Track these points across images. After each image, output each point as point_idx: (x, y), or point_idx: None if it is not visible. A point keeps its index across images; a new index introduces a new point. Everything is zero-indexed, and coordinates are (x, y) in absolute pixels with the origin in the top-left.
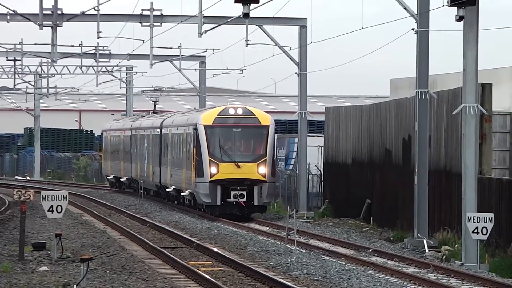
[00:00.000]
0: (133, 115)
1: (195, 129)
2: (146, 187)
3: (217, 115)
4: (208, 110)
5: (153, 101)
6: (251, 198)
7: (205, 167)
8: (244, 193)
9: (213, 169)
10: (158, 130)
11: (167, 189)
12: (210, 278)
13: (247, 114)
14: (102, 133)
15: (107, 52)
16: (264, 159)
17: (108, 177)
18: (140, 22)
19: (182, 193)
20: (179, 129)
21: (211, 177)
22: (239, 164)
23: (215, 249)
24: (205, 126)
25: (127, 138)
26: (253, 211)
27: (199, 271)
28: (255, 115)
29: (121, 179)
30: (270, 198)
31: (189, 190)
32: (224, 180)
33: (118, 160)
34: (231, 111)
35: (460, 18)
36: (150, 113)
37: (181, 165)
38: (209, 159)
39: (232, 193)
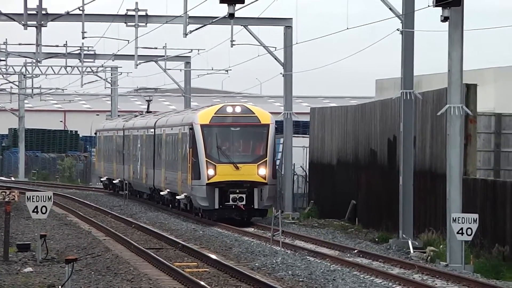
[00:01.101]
0: (118, 115)
1: (191, 128)
2: (139, 190)
3: (214, 113)
4: (205, 109)
5: (146, 101)
6: (251, 202)
7: (202, 169)
8: (244, 196)
9: (211, 171)
10: (152, 130)
11: (161, 193)
12: (195, 279)
13: (246, 113)
14: (95, 133)
15: (92, 52)
16: (265, 160)
17: (101, 179)
18: (125, 22)
19: (177, 197)
20: (174, 129)
21: (208, 180)
22: (238, 165)
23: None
24: (202, 126)
25: (120, 138)
26: (253, 215)
27: (184, 272)
28: (254, 114)
29: (113, 181)
30: (271, 202)
31: (185, 194)
32: (222, 183)
33: (111, 161)
34: (229, 109)
35: (445, 19)
36: (143, 113)
37: (176, 167)
38: (206, 160)
39: (231, 196)
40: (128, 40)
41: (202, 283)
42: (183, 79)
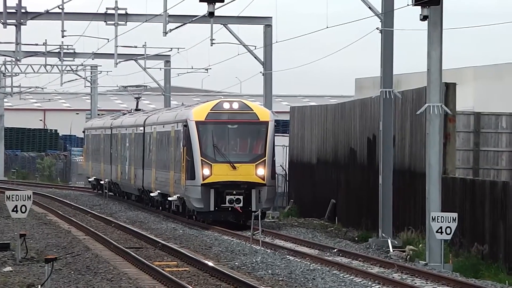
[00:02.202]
0: (98, 114)
1: (185, 125)
2: (127, 191)
3: (210, 110)
4: (200, 105)
5: (135, 98)
6: (249, 204)
7: (197, 169)
8: (241, 197)
9: (206, 171)
10: (141, 128)
11: (152, 194)
12: (175, 278)
13: (243, 109)
14: (83, 131)
15: (72, 51)
16: (263, 159)
17: (89, 179)
18: (105, 21)
19: (169, 198)
20: (166, 127)
21: (203, 180)
22: (235, 165)
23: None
24: (197, 123)
25: (107, 137)
26: (250, 218)
27: (164, 271)
28: (252, 110)
29: (101, 182)
30: (269, 204)
31: (178, 195)
32: (218, 183)
33: (99, 161)
34: (226, 105)
35: (424, 18)
36: (132, 111)
37: (168, 166)
38: (201, 159)
39: (227, 197)
40: (107, 39)
41: (182, 282)
42: (163, 77)
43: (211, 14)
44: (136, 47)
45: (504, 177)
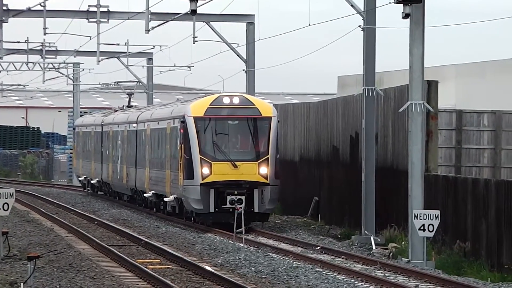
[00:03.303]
0: (80, 112)
1: (183, 122)
2: (118, 191)
3: (209, 105)
4: (198, 100)
5: (127, 94)
6: (251, 204)
7: (196, 168)
8: (243, 198)
9: (205, 170)
10: (134, 125)
11: (145, 194)
12: (158, 276)
13: (245, 104)
14: (74, 128)
15: (54, 48)
16: (266, 157)
17: (79, 178)
18: (87, 19)
19: (165, 199)
20: (161, 123)
21: (203, 179)
22: (236, 163)
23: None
24: (195, 118)
25: (98, 135)
26: (252, 219)
27: (147, 269)
28: (254, 105)
29: (91, 181)
30: (273, 204)
31: (175, 195)
32: (219, 183)
33: (89, 159)
34: (226, 100)
35: (406, 16)
36: (124, 107)
37: (163, 165)
38: (200, 157)
39: (228, 198)
40: (90, 36)
41: (165, 280)
42: (146, 75)
43: (193, 11)
44: (118, 44)
45: (486, 175)
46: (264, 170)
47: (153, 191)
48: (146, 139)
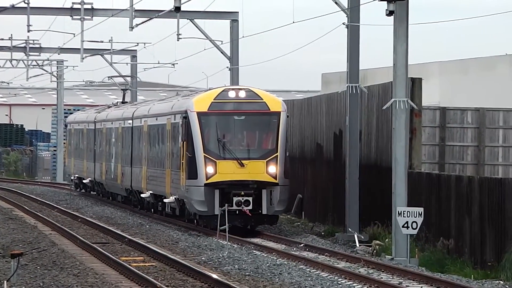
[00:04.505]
0: (64, 110)
1: (185, 117)
2: (112, 192)
3: (214, 99)
4: (202, 94)
5: (122, 90)
6: (259, 206)
7: (199, 166)
8: (250, 199)
9: (210, 169)
10: (130, 121)
11: (143, 195)
12: (141, 273)
13: (252, 98)
14: (66, 125)
15: (38, 45)
16: (275, 155)
17: (71, 178)
18: (71, 16)
19: (165, 200)
20: (160, 119)
21: (207, 179)
22: (243, 162)
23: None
24: (199, 114)
25: (91, 132)
26: (260, 222)
27: (131, 267)
28: (262, 99)
29: (83, 181)
30: (282, 206)
31: (176, 196)
32: (224, 183)
33: (81, 158)
34: (232, 94)
35: (390, 13)
36: (118, 103)
37: (163, 164)
38: (204, 155)
39: (235, 199)
40: (74, 34)
41: (148, 277)
42: (129, 72)
43: (177, 9)
44: (102, 42)
45: (469, 172)
46: (273, 169)
47: (151, 192)
48: (144, 136)
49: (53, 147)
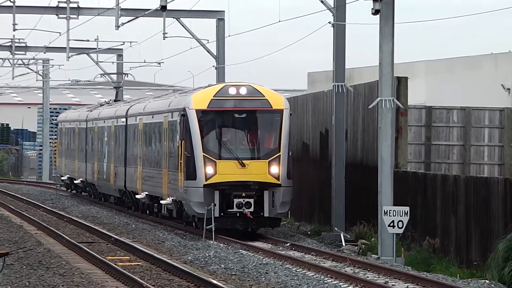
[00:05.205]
0: (50, 109)
1: (184, 115)
2: (104, 193)
3: (213, 96)
4: (200, 90)
5: (115, 87)
6: (261, 208)
7: (198, 167)
8: (251, 201)
9: (209, 169)
10: (123, 120)
11: (137, 196)
12: (127, 273)
13: (253, 95)
14: (56, 124)
15: (23, 44)
16: (278, 155)
17: (62, 178)
18: (57, 14)
19: (162, 202)
20: (156, 117)
21: (206, 180)
22: (244, 162)
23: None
24: (198, 111)
25: (82, 131)
26: (262, 224)
27: (117, 266)
28: (264, 96)
29: (74, 181)
30: (285, 208)
31: (173, 198)
32: (224, 184)
33: (72, 158)
34: (232, 90)
35: (376, 12)
36: (110, 102)
37: (159, 164)
38: (203, 155)
39: (235, 201)
40: (59, 33)
41: (134, 277)
42: (115, 71)
43: (163, 7)
44: (88, 40)
45: (455, 171)
46: (275, 169)
47: (146, 193)
48: (139, 135)
49: (39, 146)
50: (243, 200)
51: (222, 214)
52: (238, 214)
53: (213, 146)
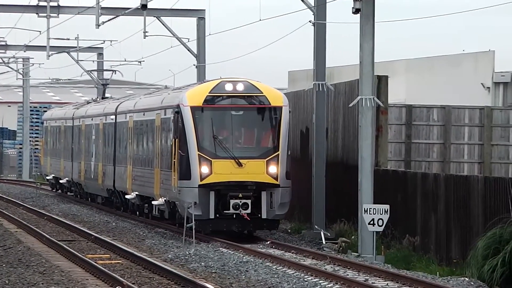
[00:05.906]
0: (30, 107)
1: (177, 112)
2: (92, 193)
3: (209, 92)
4: (195, 86)
5: (102, 85)
6: (258, 209)
7: (193, 166)
8: (248, 202)
9: (205, 169)
10: (112, 117)
11: (127, 196)
12: (107, 271)
13: (251, 91)
14: (42, 122)
15: (3, 43)
16: (276, 154)
17: (47, 178)
18: (37, 13)
19: (154, 202)
20: (148, 114)
21: (201, 180)
22: (241, 161)
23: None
24: (193, 108)
25: (68, 129)
26: (260, 227)
27: (97, 264)
28: (262, 93)
29: (60, 181)
30: (284, 210)
31: (166, 198)
32: (220, 184)
33: (58, 157)
34: (228, 86)
35: (356, 11)
36: (97, 99)
37: (151, 163)
38: (198, 154)
39: (231, 202)
40: (40, 31)
41: (114, 275)
42: (97, 69)
43: (144, 6)
44: (68, 39)
45: (435, 169)
46: (273, 169)
47: (136, 193)
48: (129, 133)
49: (19, 145)
50: (240, 201)
51: (217, 215)
52: (234, 216)
53: (208, 145)
